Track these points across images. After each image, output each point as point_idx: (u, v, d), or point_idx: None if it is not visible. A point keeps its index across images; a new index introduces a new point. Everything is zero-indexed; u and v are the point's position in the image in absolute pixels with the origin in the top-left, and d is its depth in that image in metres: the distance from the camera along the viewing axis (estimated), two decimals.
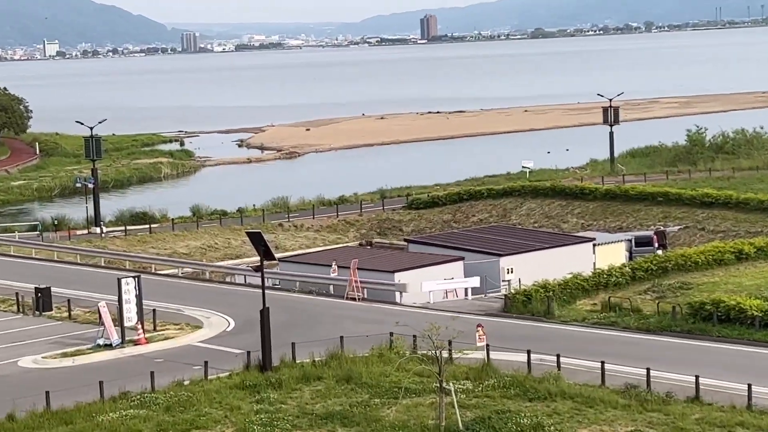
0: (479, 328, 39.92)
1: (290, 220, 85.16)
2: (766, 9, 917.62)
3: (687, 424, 32.43)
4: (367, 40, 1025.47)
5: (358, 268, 54.82)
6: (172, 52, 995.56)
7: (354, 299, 54.33)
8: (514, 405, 34.20)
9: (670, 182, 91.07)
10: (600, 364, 37.17)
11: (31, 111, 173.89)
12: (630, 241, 66.67)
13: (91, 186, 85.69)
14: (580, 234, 69.90)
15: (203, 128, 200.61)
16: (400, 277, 55.56)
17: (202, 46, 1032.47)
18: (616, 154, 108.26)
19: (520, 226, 76.86)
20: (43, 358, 43.46)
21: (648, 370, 35.91)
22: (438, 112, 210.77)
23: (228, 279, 64.95)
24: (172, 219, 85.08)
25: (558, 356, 38.45)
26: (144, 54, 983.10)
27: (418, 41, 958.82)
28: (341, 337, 41.25)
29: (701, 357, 40.83)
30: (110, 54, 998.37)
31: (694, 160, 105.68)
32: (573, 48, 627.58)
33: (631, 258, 63.22)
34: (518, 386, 35.76)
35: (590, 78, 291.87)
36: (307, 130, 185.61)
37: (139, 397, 35.81)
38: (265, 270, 40.79)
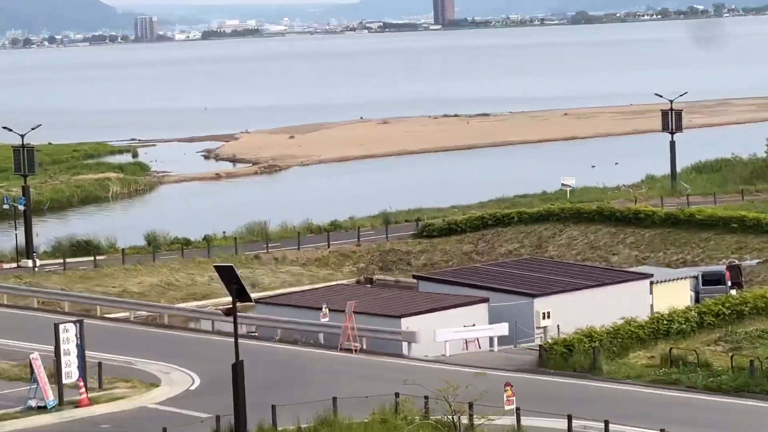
0: (508, 388, 39.89)
1: (270, 251, 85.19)
2: None
3: None
4: (367, 25, 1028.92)
5: (355, 312, 54.79)
6: (123, 41, 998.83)
7: (350, 351, 54.28)
8: None
9: (746, 204, 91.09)
10: None
11: None
12: (696, 278, 66.62)
13: (21, 208, 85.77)
14: (634, 269, 69.91)
15: (161, 136, 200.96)
16: (407, 324, 55.55)
17: (160, 33, 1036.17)
18: (678, 169, 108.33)
19: (558, 260, 76.88)
20: None
21: None
22: (456, 116, 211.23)
23: (192, 325, 64.89)
24: (123, 249, 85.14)
25: (606, 423, 38.39)
26: (88, 43, 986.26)
27: (431, 27, 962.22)
28: (334, 398, 41.23)
29: None
30: (46, 43, 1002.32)
31: None
32: (624, 36, 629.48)
33: (697, 299, 63.20)
34: None
35: (646, 74, 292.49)
36: (291, 137, 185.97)
37: None
38: (238, 314, 40.74)
